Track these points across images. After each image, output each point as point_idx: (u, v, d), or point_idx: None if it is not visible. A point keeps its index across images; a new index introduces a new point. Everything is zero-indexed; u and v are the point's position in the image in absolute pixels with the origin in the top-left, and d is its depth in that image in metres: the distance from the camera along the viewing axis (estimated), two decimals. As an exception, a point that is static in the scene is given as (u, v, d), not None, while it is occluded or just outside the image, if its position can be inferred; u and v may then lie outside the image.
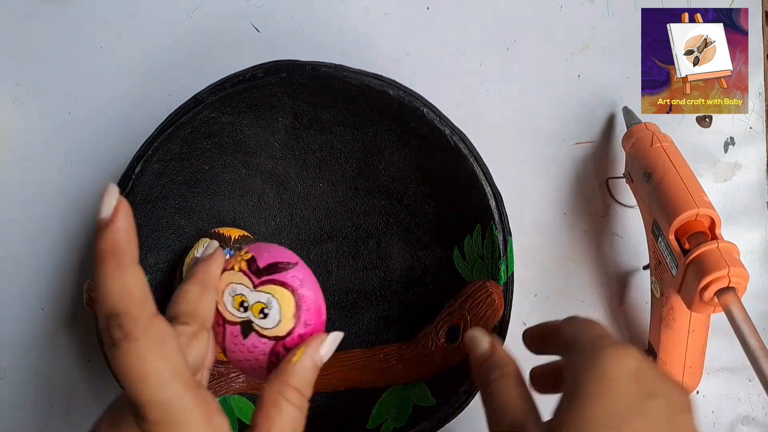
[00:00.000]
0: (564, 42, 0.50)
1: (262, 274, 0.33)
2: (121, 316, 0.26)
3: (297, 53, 0.44)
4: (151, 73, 0.49)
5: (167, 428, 0.26)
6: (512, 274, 0.42)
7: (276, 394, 0.30)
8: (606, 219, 0.49)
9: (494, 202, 0.42)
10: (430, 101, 0.42)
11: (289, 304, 0.33)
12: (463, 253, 0.43)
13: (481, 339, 0.35)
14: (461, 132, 0.42)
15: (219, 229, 0.44)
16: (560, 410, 0.29)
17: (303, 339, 0.33)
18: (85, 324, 0.48)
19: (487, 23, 0.50)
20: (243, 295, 0.33)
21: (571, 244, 0.49)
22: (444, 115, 0.42)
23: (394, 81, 0.42)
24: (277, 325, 0.33)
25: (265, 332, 0.33)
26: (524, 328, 0.48)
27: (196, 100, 0.41)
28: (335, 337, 0.33)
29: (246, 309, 0.33)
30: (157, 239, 0.44)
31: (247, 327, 0.33)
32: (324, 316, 0.35)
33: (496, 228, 0.41)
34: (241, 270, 0.33)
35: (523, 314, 0.48)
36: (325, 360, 0.32)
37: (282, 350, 0.33)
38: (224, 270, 0.33)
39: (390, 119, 0.43)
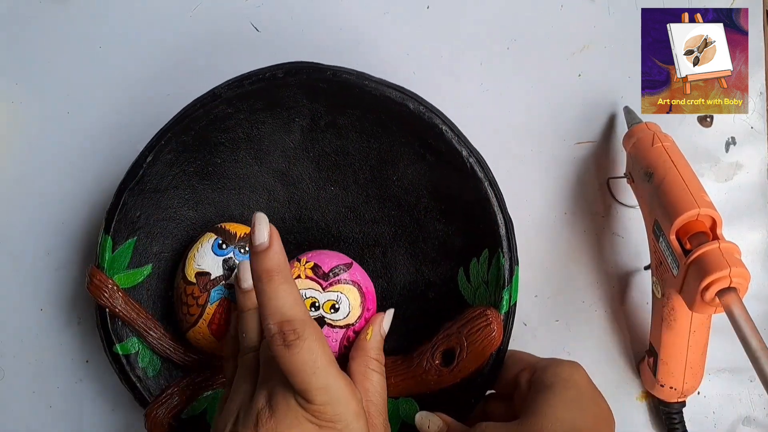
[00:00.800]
0: (564, 42, 0.50)
1: (329, 277, 0.41)
2: (294, 322, 0.33)
3: (296, 53, 0.44)
4: (150, 73, 0.49)
5: (331, 407, 0.33)
6: (515, 304, 0.41)
7: (363, 368, 0.38)
8: (607, 219, 0.49)
9: (504, 230, 0.41)
10: (429, 101, 0.42)
11: (356, 297, 0.42)
12: (468, 276, 0.43)
13: (433, 418, 0.40)
14: (479, 154, 0.42)
15: (225, 224, 0.44)
16: (530, 405, 0.36)
17: (367, 321, 0.41)
18: (85, 324, 0.48)
19: (487, 23, 0.50)
20: (314, 297, 0.41)
21: (572, 244, 0.49)
22: (463, 135, 0.42)
23: (415, 94, 0.41)
24: (347, 315, 0.41)
25: (337, 323, 0.41)
26: (524, 329, 0.48)
27: (214, 95, 0.41)
28: (390, 313, 0.42)
29: (318, 308, 0.41)
30: (164, 228, 0.44)
31: (319, 322, 0.41)
32: (375, 299, 0.43)
33: (503, 256, 0.41)
34: (307, 277, 0.41)
35: (524, 315, 0.48)
36: (386, 332, 0.41)
37: (352, 335, 0.41)
38: None
39: (408, 132, 0.42)
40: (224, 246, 0.42)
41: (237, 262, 0.42)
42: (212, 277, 0.42)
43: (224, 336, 0.42)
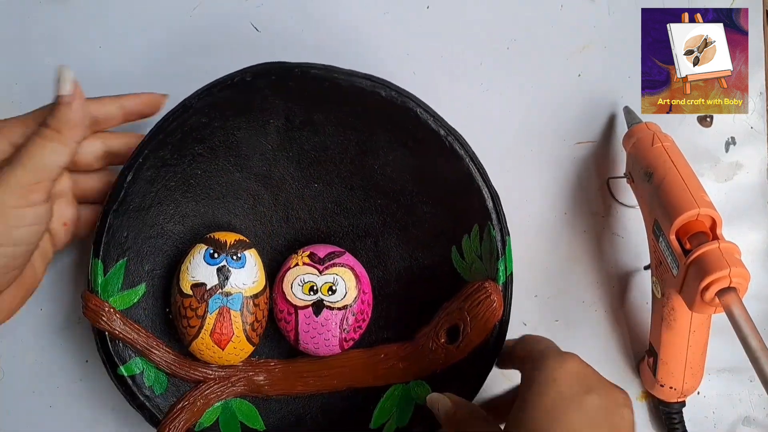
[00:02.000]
0: (564, 42, 0.50)
1: (325, 261, 0.43)
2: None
3: (296, 53, 0.44)
4: (150, 73, 0.49)
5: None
6: (511, 274, 0.42)
7: None
8: (607, 219, 0.49)
9: (491, 203, 0.42)
10: (430, 101, 0.42)
11: (351, 279, 0.43)
12: (461, 253, 0.43)
13: (442, 400, 0.39)
14: (457, 132, 0.42)
15: (214, 234, 0.43)
16: (513, 410, 0.35)
17: (365, 304, 0.44)
18: (84, 325, 0.48)
19: (487, 23, 0.50)
20: (312, 281, 0.43)
21: (572, 244, 0.49)
22: (439, 116, 0.42)
23: (386, 81, 0.41)
24: (344, 297, 0.43)
25: (335, 305, 0.43)
26: (524, 329, 0.48)
27: (185, 107, 0.41)
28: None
29: (316, 291, 0.43)
30: (153, 245, 0.43)
31: (318, 305, 0.43)
32: (370, 284, 0.44)
33: (494, 228, 0.41)
34: (305, 263, 0.43)
35: (524, 314, 0.48)
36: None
37: (350, 316, 0.43)
38: (288, 269, 0.43)
39: (384, 120, 0.42)
40: (216, 255, 0.42)
41: (230, 269, 0.42)
42: (208, 287, 0.42)
43: (227, 344, 0.42)
